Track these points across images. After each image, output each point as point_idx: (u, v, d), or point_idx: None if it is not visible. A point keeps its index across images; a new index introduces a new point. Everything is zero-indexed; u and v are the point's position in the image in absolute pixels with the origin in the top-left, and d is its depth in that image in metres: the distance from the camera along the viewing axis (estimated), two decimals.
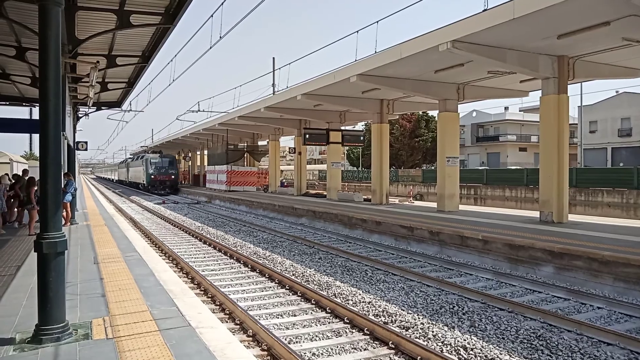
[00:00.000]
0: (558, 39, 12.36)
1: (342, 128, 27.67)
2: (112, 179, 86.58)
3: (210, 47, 17.22)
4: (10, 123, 14.92)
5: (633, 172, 25.19)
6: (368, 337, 6.70)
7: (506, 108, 64.57)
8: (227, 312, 7.81)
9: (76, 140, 20.84)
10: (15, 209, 14.99)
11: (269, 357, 6.09)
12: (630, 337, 6.46)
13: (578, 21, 11.19)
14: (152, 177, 44.07)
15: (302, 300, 8.63)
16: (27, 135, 61.70)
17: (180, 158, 63.00)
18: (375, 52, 16.60)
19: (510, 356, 6.02)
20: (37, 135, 5.02)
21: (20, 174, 16.81)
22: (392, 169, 40.43)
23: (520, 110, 65.84)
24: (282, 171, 49.17)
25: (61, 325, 4.70)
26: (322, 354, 6.18)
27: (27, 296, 6.26)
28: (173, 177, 45.80)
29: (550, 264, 10.33)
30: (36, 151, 58.58)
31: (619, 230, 12.67)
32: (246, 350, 4.87)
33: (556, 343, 6.40)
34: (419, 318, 7.46)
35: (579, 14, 10.70)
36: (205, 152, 50.55)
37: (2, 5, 8.81)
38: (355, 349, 6.37)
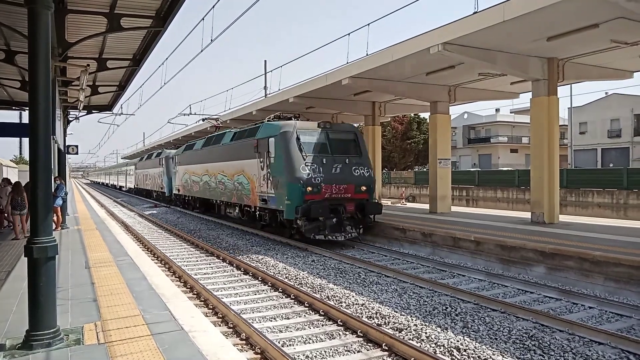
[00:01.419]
0: (548, 41, 12.47)
1: None
2: (119, 187, 58.65)
3: (202, 50, 17.19)
4: (0, 127, 14.81)
5: (622, 172, 25.41)
6: (361, 339, 6.70)
7: (497, 110, 65.02)
8: (220, 315, 7.78)
9: (66, 144, 20.71)
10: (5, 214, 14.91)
11: None
12: (621, 336, 6.50)
13: (567, 23, 11.30)
14: (309, 190, 14.24)
15: (295, 303, 8.62)
16: (17, 139, 61.17)
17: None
18: (367, 54, 16.66)
19: (503, 356, 6.05)
20: (27, 139, 4.99)
21: (11, 179, 16.71)
22: (384, 171, 40.51)
23: (511, 112, 66.30)
24: None
25: (52, 330, 4.66)
26: (315, 356, 6.17)
27: (17, 301, 6.20)
28: (365, 188, 15.20)
29: (542, 264, 10.39)
30: (26, 155, 57.94)
31: (610, 230, 12.78)
32: (239, 353, 4.85)
33: (548, 343, 6.44)
34: (412, 319, 7.47)
35: (568, 17, 10.80)
36: None
37: None
38: (348, 351, 6.36)
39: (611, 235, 11.68)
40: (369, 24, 16.72)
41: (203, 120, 31.55)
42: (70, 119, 22.09)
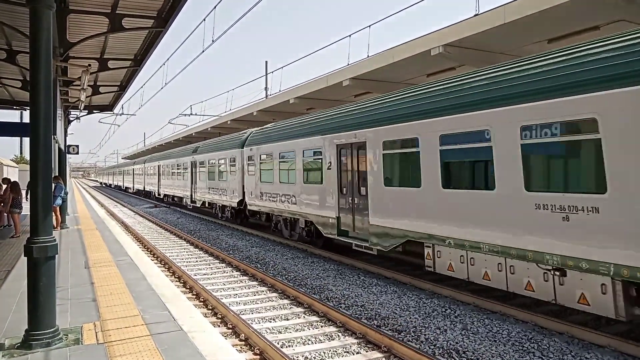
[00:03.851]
0: (549, 43, 12.47)
1: None
2: (193, 202, 25.69)
3: (203, 51, 17.23)
4: (0, 126, 14.86)
5: None
6: (361, 340, 6.70)
7: None
8: (220, 316, 7.78)
9: (67, 144, 20.73)
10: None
11: None
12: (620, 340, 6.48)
13: (568, 26, 11.30)
14: None
15: (295, 304, 8.61)
16: (18, 138, 61.25)
17: None
18: (368, 56, 16.67)
19: (502, 358, 6.05)
20: (28, 138, 5.00)
21: (11, 178, 16.79)
22: None
23: None
24: None
25: (51, 330, 4.67)
26: (314, 357, 6.17)
27: (16, 301, 6.20)
28: None
29: None
30: (27, 155, 57.95)
31: None
32: (238, 354, 4.86)
33: (547, 345, 6.43)
34: (411, 321, 7.47)
35: (568, 19, 10.81)
36: None
37: None
38: (347, 352, 6.36)
39: None
40: (369, 26, 16.73)
41: None
42: (71, 118, 22.10)
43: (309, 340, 6.78)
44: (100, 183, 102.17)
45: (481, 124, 7.83)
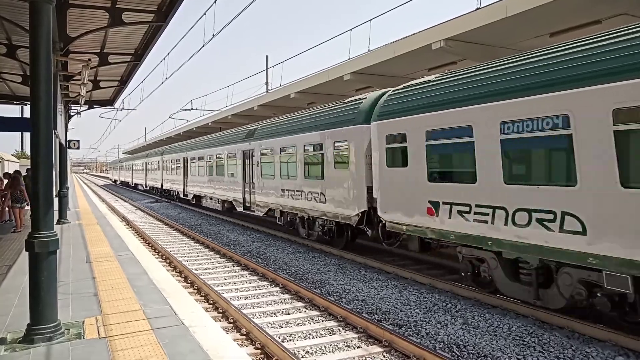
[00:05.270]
0: (550, 37, 12.43)
1: None
2: None
3: (203, 45, 17.19)
4: (1, 121, 14.86)
5: None
6: (362, 334, 6.72)
7: None
8: (221, 310, 7.81)
9: (68, 139, 20.71)
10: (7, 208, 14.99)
11: (262, 356, 6.09)
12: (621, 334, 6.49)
13: (570, 20, 11.25)
14: None
15: (296, 298, 8.63)
16: (18, 133, 61.16)
17: None
18: (369, 50, 16.62)
19: (503, 353, 6.06)
20: (29, 133, 4.99)
21: (12, 172, 16.77)
22: None
23: None
24: None
25: (53, 324, 4.68)
26: (315, 352, 6.18)
27: (18, 296, 6.22)
28: None
29: None
30: (27, 150, 57.88)
31: None
32: (240, 348, 4.86)
33: (548, 340, 6.44)
34: (412, 316, 7.48)
35: (570, 13, 10.76)
36: None
37: None
38: (348, 346, 6.38)
39: None
40: (370, 20, 16.66)
41: None
42: (71, 113, 22.05)
43: (310, 334, 6.79)
44: (114, 181, 72.31)
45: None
